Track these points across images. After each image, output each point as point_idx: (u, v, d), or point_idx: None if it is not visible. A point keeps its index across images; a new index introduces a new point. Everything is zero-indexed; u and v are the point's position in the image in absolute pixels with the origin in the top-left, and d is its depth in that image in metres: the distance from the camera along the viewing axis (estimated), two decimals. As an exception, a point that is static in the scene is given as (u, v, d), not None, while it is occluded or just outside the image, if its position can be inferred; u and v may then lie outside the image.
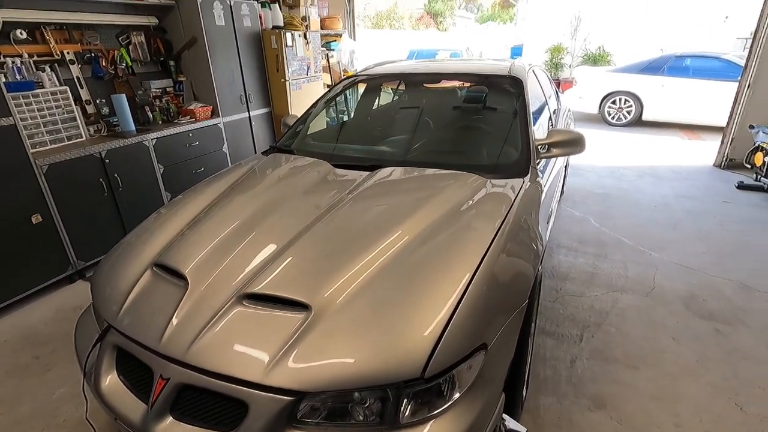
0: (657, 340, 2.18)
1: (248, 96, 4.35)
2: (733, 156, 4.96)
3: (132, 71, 3.60)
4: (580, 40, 12.56)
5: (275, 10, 4.60)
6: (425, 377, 1.00)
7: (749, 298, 2.51)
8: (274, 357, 1.04)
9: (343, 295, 1.18)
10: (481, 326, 1.15)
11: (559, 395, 1.86)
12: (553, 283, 2.68)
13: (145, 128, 3.42)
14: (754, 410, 1.76)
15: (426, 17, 22.66)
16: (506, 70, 2.49)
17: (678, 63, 7.21)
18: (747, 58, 4.66)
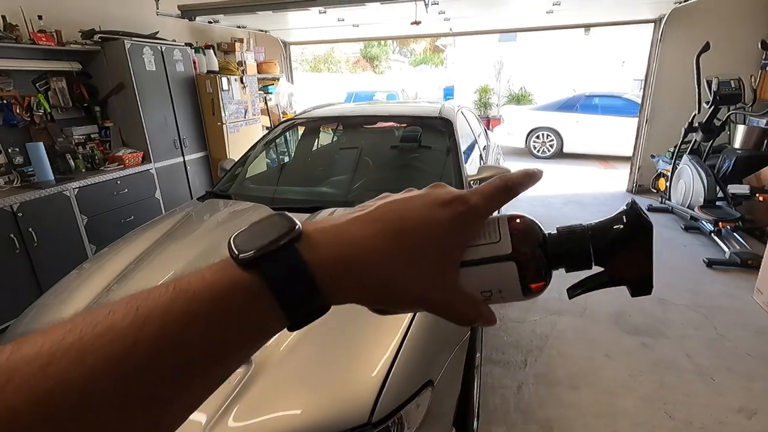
0: (593, 359, 2.31)
1: (183, 140, 4.23)
2: (641, 182, 5.55)
3: (51, 118, 3.38)
4: (504, 81, 13.72)
5: (210, 56, 4.60)
6: (372, 422, 0.98)
7: (666, 311, 2.75)
8: (212, 417, 0.97)
9: (286, 343, 1.14)
10: (426, 363, 1.16)
11: (509, 424, 1.89)
12: (496, 311, 2.75)
13: (65, 177, 3.19)
14: (681, 416, 1.90)
15: (362, 61, 23.69)
16: (437, 111, 2.65)
17: (588, 101, 8.08)
18: (642, 98, 5.34)
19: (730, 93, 3.74)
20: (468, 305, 0.30)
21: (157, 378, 0.21)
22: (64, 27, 3.36)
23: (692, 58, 3.84)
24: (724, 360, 2.26)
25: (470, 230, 0.30)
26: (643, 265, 0.31)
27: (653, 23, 4.97)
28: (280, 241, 0.25)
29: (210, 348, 0.22)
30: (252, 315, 0.24)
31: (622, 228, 0.30)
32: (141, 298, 0.22)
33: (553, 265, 0.31)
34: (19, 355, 0.19)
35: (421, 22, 4.54)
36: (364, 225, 0.28)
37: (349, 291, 0.27)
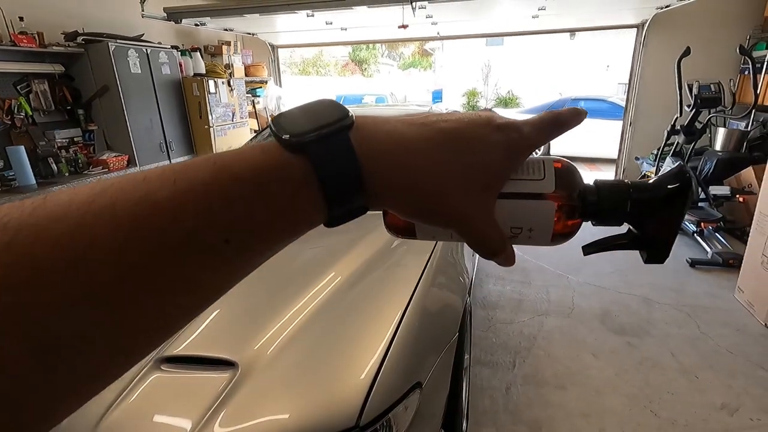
0: (580, 359, 2.34)
1: (169, 143, 4.18)
2: (626, 184, 5.64)
3: (33, 121, 3.32)
4: (491, 85, 13.88)
5: (196, 58, 4.57)
6: (360, 425, 0.98)
7: (651, 310, 2.80)
8: (198, 424, 0.96)
9: (273, 346, 1.14)
10: (414, 364, 1.16)
11: (498, 425, 1.90)
12: (485, 312, 2.80)
13: (48, 182, 3.14)
14: (666, 415, 1.93)
15: (351, 64, 23.72)
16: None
17: (574, 104, 8.18)
18: (626, 101, 5.44)
19: (710, 96, 3.83)
20: (498, 236, 0.29)
21: (196, 255, 0.20)
22: (47, 29, 3.31)
23: (674, 63, 3.92)
24: (707, 358, 2.31)
25: (518, 160, 0.29)
26: (670, 231, 0.31)
27: (636, 28, 5.08)
28: (333, 126, 0.23)
29: (252, 229, 0.21)
30: (296, 200, 0.23)
31: (672, 189, 0.30)
32: (177, 170, 0.21)
33: (587, 215, 0.31)
34: (44, 212, 0.17)
35: (409, 25, 4.57)
36: (417, 128, 0.27)
37: (392, 193, 0.25)
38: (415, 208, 0.27)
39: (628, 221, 0.32)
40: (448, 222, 0.28)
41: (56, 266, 0.16)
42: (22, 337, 0.16)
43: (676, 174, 0.31)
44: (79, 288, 0.17)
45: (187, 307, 0.21)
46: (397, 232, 0.33)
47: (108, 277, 0.17)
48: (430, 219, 0.28)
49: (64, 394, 0.18)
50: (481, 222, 0.28)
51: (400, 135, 0.26)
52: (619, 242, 0.33)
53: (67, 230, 0.17)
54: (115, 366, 0.20)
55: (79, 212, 0.18)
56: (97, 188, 0.19)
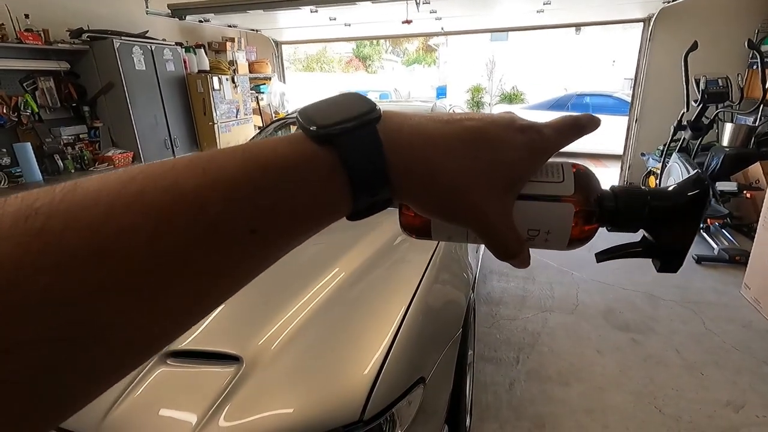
0: (584, 355, 2.33)
1: (173, 140, 4.20)
2: (631, 180, 5.61)
3: (39, 118, 3.35)
4: (496, 80, 13.79)
5: (200, 55, 4.57)
6: (364, 419, 0.98)
7: (656, 307, 2.79)
8: (203, 418, 0.97)
9: (277, 341, 1.14)
10: (418, 360, 1.17)
11: (501, 421, 1.90)
12: (489, 308, 2.79)
13: (54, 178, 3.16)
14: (671, 411, 1.93)
15: (355, 60, 23.66)
16: (429, 110, 2.66)
17: (579, 100, 8.15)
18: (632, 97, 5.40)
19: (717, 91, 3.79)
20: (515, 237, 0.29)
21: (222, 245, 0.20)
22: (52, 26, 3.33)
23: (681, 57, 3.88)
24: (712, 354, 2.30)
25: (539, 161, 0.30)
26: (686, 240, 0.31)
27: (642, 23, 5.02)
28: (361, 119, 0.24)
29: (278, 220, 0.22)
30: (323, 191, 0.23)
31: (692, 196, 0.30)
32: (205, 159, 0.21)
33: (603, 219, 0.31)
34: (74, 199, 0.18)
35: (413, 21, 4.55)
36: (442, 125, 0.27)
37: (415, 186, 0.26)
38: (435, 203, 0.27)
39: (644, 228, 0.32)
40: (466, 219, 0.28)
41: (85, 253, 0.17)
42: (49, 320, 0.16)
43: (695, 181, 0.31)
44: (107, 275, 0.17)
45: (210, 296, 0.21)
46: (411, 232, 0.33)
47: (136, 265, 0.18)
48: (449, 215, 0.28)
49: (85, 379, 0.18)
50: (500, 222, 0.28)
51: (425, 129, 0.26)
52: (634, 250, 0.33)
53: (97, 218, 0.17)
54: (136, 354, 0.20)
55: (109, 200, 0.18)
56: (125, 176, 0.19)
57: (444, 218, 0.29)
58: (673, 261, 0.32)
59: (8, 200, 0.17)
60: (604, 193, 0.31)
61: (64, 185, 0.18)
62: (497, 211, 0.28)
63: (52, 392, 0.17)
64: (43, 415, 0.17)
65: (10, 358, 0.15)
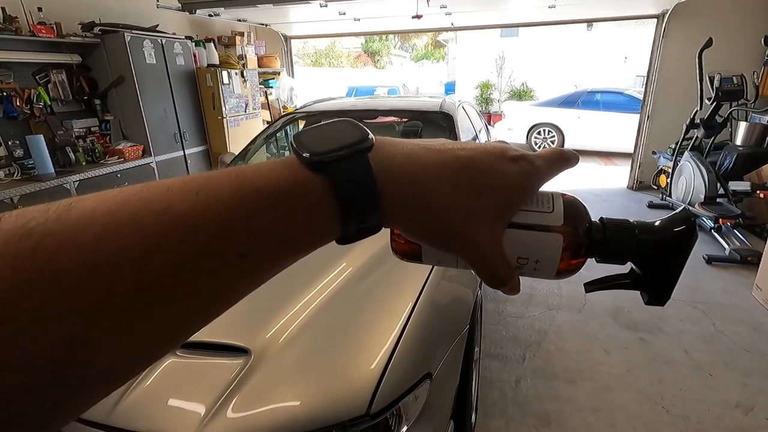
0: (591, 354, 2.32)
1: (183, 134, 4.23)
2: (642, 179, 5.54)
3: (51, 110, 3.38)
4: (505, 77, 13.67)
5: (210, 49, 4.58)
6: (371, 413, 0.99)
7: (665, 307, 2.75)
8: (211, 409, 0.98)
9: (285, 334, 1.15)
10: (424, 355, 1.17)
11: (507, 417, 1.90)
12: (495, 306, 2.79)
13: (66, 170, 3.20)
14: (678, 411, 1.91)
15: (363, 56, 23.59)
16: (437, 106, 2.65)
17: (590, 97, 8.05)
18: (644, 94, 5.32)
19: (732, 89, 3.72)
20: (505, 265, 0.29)
21: (213, 268, 0.20)
22: (64, 19, 3.35)
23: (695, 54, 3.82)
24: (722, 356, 2.27)
25: (531, 190, 0.30)
26: (673, 274, 0.32)
27: (656, 18, 4.94)
28: (353, 148, 0.24)
29: (268, 244, 0.22)
30: (313, 218, 0.23)
31: (678, 232, 0.31)
32: (199, 183, 0.21)
33: (591, 251, 0.32)
34: (68, 219, 0.18)
35: (422, 16, 4.52)
36: (434, 153, 0.27)
37: (405, 215, 0.26)
38: (426, 230, 0.27)
39: (632, 261, 0.33)
40: (457, 246, 0.28)
41: (78, 273, 0.17)
42: (41, 339, 0.16)
43: (682, 218, 0.31)
44: (99, 295, 0.17)
45: (202, 315, 0.22)
46: (402, 256, 0.34)
47: (128, 286, 0.18)
48: (439, 242, 0.28)
49: (77, 395, 0.18)
50: (490, 250, 0.28)
51: (418, 158, 0.26)
52: (622, 282, 0.34)
53: (91, 239, 0.18)
54: (127, 371, 0.20)
55: (103, 221, 0.18)
56: (120, 197, 0.20)
57: (434, 245, 0.29)
58: (659, 294, 0.33)
59: (3, 217, 0.18)
60: (593, 224, 0.32)
61: (59, 204, 0.19)
62: (488, 239, 0.28)
63: (40, 409, 0.17)
64: (35, 427, 0.17)
65: (2, 375, 0.16)
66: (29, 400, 0.17)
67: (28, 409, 0.17)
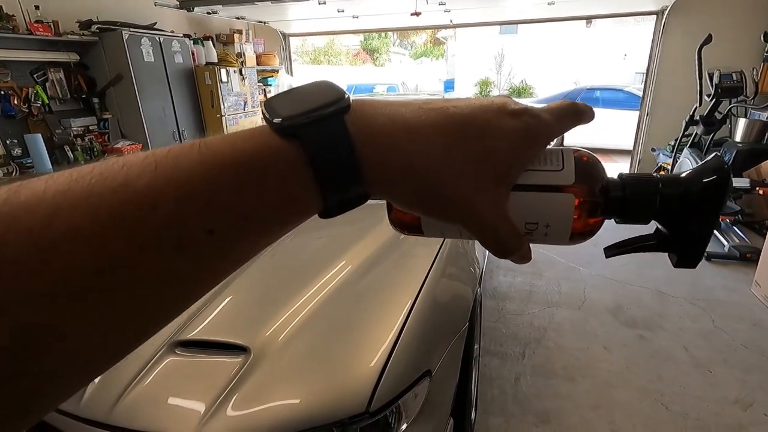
0: (591, 351, 2.32)
1: (182, 132, 4.22)
2: (641, 176, 5.54)
3: (49, 109, 3.37)
4: (504, 74, 13.66)
5: (208, 47, 4.57)
6: (370, 411, 0.99)
7: (664, 304, 2.76)
8: (211, 407, 0.98)
9: (284, 332, 1.15)
10: (424, 353, 1.17)
11: (506, 415, 1.90)
12: (495, 303, 2.79)
13: (64, 169, 3.18)
14: (677, 408, 1.92)
15: (362, 53, 23.54)
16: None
17: (589, 94, 8.05)
18: (643, 91, 5.32)
19: (731, 86, 3.72)
20: (511, 232, 0.27)
21: (177, 246, 0.19)
22: (62, 17, 3.34)
23: (694, 51, 3.81)
24: (721, 352, 2.28)
25: (536, 148, 0.27)
26: (704, 231, 0.28)
27: (655, 15, 4.94)
28: (327, 109, 0.22)
29: (238, 220, 0.20)
30: (288, 189, 0.21)
31: (708, 182, 0.27)
32: (160, 155, 0.19)
33: (610, 211, 0.29)
34: (17, 201, 0.17)
35: (421, 13, 4.51)
36: (422, 113, 0.25)
37: (392, 180, 0.24)
38: (416, 198, 0.25)
39: (656, 219, 0.29)
40: (453, 213, 0.26)
41: (27, 258, 0.16)
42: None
43: (714, 166, 0.28)
44: (53, 280, 0.16)
45: (170, 300, 0.20)
46: (402, 228, 0.31)
47: (84, 268, 0.17)
48: (433, 210, 0.26)
49: (35, 390, 0.17)
50: (492, 215, 0.26)
51: (401, 118, 0.24)
52: (647, 243, 0.30)
53: (41, 220, 0.16)
54: (92, 362, 0.19)
55: (54, 201, 0.17)
56: (74, 175, 0.18)
57: (428, 214, 0.27)
58: (690, 255, 0.29)
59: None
60: (610, 181, 0.29)
61: (10, 186, 0.17)
62: (489, 204, 0.26)
63: (6, 398, 0.16)
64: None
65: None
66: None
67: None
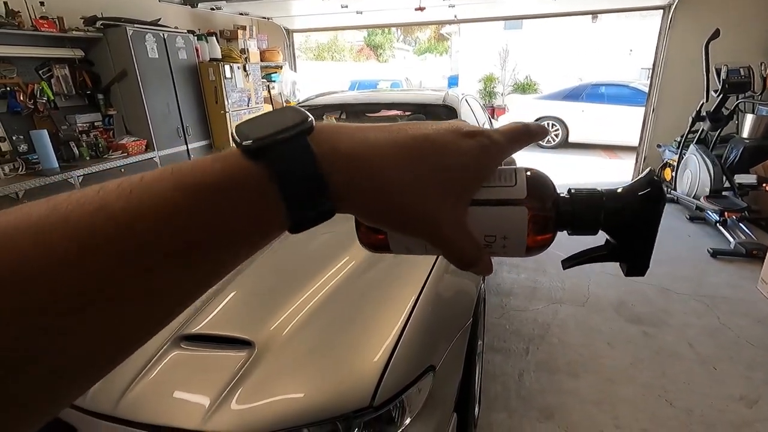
0: (595, 347, 2.32)
1: (186, 128, 4.23)
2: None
3: (55, 105, 3.39)
4: (509, 70, 13.57)
5: (212, 43, 4.57)
6: (374, 405, 0.99)
7: (669, 300, 2.75)
8: (216, 400, 0.99)
9: (288, 327, 1.15)
10: (428, 348, 1.17)
11: (510, 410, 1.90)
12: (499, 299, 2.79)
13: (70, 165, 3.21)
14: (682, 404, 1.91)
15: (366, 49, 23.46)
16: (441, 99, 2.63)
17: (594, 90, 7.98)
18: (649, 87, 5.27)
19: (739, 81, 3.68)
20: (472, 245, 0.29)
21: (155, 265, 0.20)
22: (66, 13, 3.35)
23: (701, 46, 3.77)
24: (726, 349, 2.27)
25: (491, 166, 0.29)
26: (646, 241, 0.31)
27: (662, 10, 4.88)
28: (292, 131, 0.23)
29: (210, 237, 0.21)
30: (256, 207, 0.22)
31: (643, 195, 0.30)
32: (134, 181, 0.21)
33: (561, 224, 0.31)
34: (4, 220, 0.18)
35: (426, 8, 4.49)
36: (384, 133, 0.26)
37: (358, 197, 0.25)
38: (381, 213, 0.26)
39: (605, 231, 0.32)
40: (417, 229, 0.27)
41: (9, 277, 0.17)
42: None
43: (647, 180, 0.30)
44: (33, 299, 0.17)
45: (156, 315, 0.21)
46: (370, 245, 0.33)
47: (64, 288, 0.18)
48: (398, 225, 0.27)
49: (18, 408, 0.18)
50: (452, 229, 0.27)
51: (364, 138, 0.26)
52: (598, 254, 0.33)
53: (23, 242, 0.17)
54: (69, 382, 0.19)
55: (37, 227, 0.18)
56: (52, 203, 0.19)
57: (394, 229, 0.28)
58: (638, 264, 0.32)
59: None
60: (559, 197, 0.31)
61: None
62: (450, 219, 0.27)
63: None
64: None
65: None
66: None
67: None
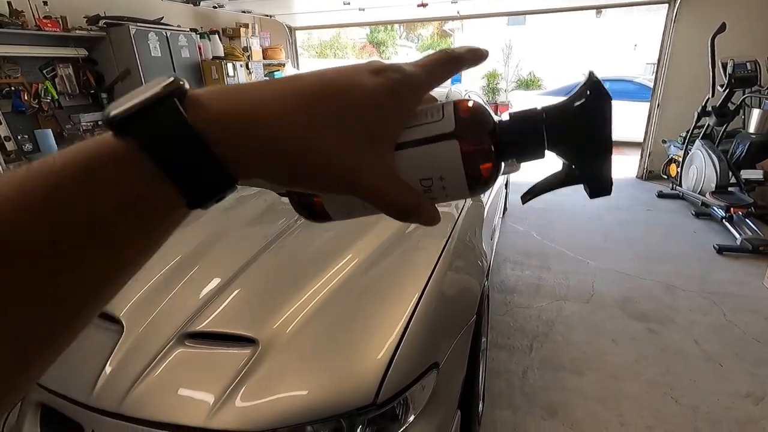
0: (599, 344, 2.31)
1: (189, 127, 4.24)
2: (651, 168, 5.47)
3: (59, 105, 3.40)
4: (512, 66, 13.49)
5: (215, 42, 4.57)
6: (378, 403, 0.99)
7: (675, 297, 2.73)
8: (220, 398, 0.99)
9: (292, 325, 1.15)
10: (431, 345, 1.17)
11: (513, 407, 1.90)
12: (502, 296, 2.78)
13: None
14: (687, 402, 1.90)
15: (369, 46, 23.41)
16: (444, 96, 2.62)
17: (598, 86, 7.92)
18: (654, 82, 5.23)
19: (745, 76, 3.64)
20: (406, 191, 0.26)
21: (23, 261, 0.18)
22: (69, 13, 3.36)
23: (707, 40, 3.73)
24: (732, 346, 2.25)
25: (407, 104, 0.26)
26: (599, 153, 0.28)
27: (667, 3, 4.84)
28: (157, 96, 0.20)
29: (84, 227, 0.19)
30: (134, 188, 0.20)
31: (582, 103, 0.27)
32: (4, 176, 0.19)
33: (503, 153, 0.28)
34: None
35: (428, 4, 4.47)
36: (271, 85, 0.24)
37: (254, 159, 0.22)
38: (288, 173, 0.24)
39: (554, 152, 0.29)
40: (333, 181, 0.24)
41: None
42: None
43: (587, 85, 0.27)
44: None
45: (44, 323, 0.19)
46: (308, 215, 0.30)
47: None
48: (310, 182, 0.25)
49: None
50: (378, 178, 0.25)
51: (250, 95, 0.23)
52: (556, 179, 0.30)
53: None
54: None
55: None
56: None
57: (309, 188, 0.26)
58: (598, 180, 0.29)
59: None
60: (495, 124, 0.28)
61: None
62: (372, 165, 0.24)
63: None
64: None
65: None
66: None
67: None
